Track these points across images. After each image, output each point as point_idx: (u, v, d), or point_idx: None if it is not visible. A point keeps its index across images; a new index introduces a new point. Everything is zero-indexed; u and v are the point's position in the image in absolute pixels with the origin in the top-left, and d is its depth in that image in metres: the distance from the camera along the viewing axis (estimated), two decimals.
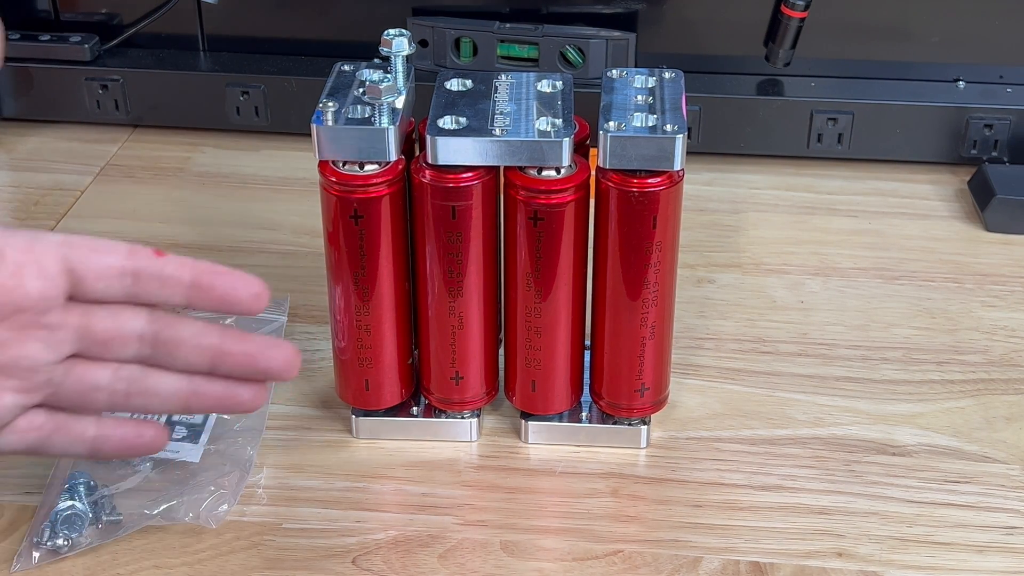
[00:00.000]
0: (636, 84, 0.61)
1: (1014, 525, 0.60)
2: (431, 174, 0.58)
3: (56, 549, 0.58)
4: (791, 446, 0.65)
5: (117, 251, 0.51)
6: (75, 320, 0.51)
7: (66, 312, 0.51)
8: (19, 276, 0.49)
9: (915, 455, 0.64)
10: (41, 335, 0.51)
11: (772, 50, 0.89)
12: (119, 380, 0.53)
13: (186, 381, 0.54)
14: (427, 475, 0.63)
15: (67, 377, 0.52)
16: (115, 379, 0.53)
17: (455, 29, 0.89)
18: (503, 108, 0.60)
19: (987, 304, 0.76)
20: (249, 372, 0.54)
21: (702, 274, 0.79)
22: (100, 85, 0.93)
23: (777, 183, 0.89)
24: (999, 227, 0.83)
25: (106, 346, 0.52)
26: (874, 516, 0.61)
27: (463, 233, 0.59)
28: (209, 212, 0.86)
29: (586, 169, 0.59)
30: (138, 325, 0.52)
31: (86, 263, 0.51)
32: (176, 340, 0.53)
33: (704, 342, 0.73)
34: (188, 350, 0.53)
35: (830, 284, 0.78)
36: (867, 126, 0.89)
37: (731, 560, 0.58)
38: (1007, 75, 0.90)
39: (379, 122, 0.58)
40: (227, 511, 0.60)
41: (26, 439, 0.53)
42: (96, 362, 0.53)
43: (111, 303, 0.52)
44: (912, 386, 0.69)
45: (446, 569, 0.58)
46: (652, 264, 0.59)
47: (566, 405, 0.65)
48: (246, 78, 0.92)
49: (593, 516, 0.61)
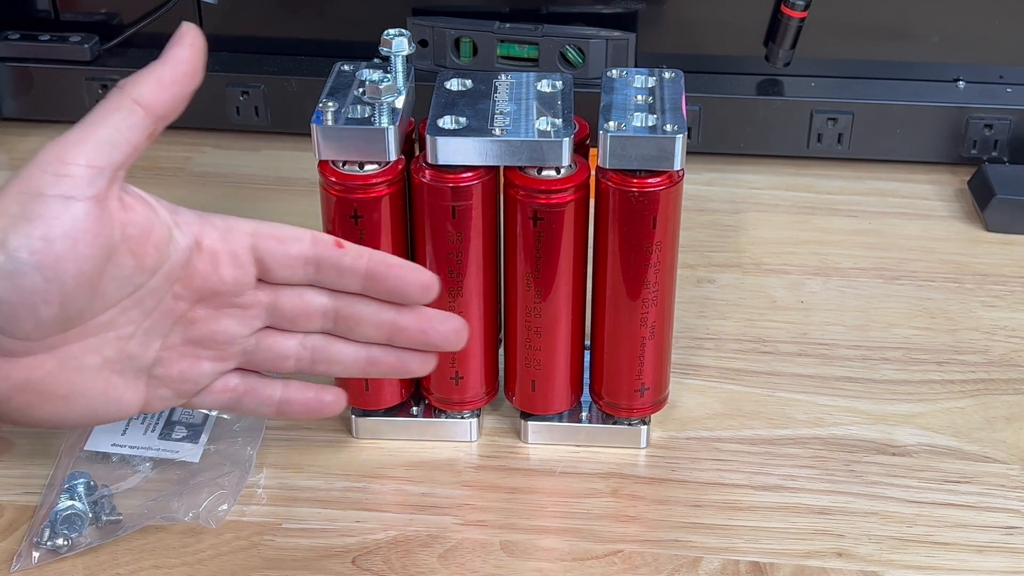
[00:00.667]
0: (636, 84, 0.61)
1: (1014, 525, 0.60)
2: (431, 174, 0.58)
3: (56, 549, 0.58)
4: (791, 446, 0.65)
5: (301, 241, 0.55)
6: (265, 299, 0.56)
7: (256, 292, 0.56)
8: (216, 263, 0.54)
9: (915, 455, 0.64)
10: (235, 313, 0.56)
11: (772, 50, 0.88)
12: (304, 349, 0.57)
13: (364, 351, 0.58)
14: (427, 475, 0.63)
15: (258, 347, 0.57)
16: (301, 348, 0.57)
17: (455, 29, 0.89)
18: (503, 108, 0.60)
19: (987, 304, 0.76)
20: (422, 344, 0.58)
21: (702, 274, 0.79)
22: (100, 85, 0.93)
23: (777, 183, 0.89)
24: (999, 227, 0.83)
25: (293, 321, 0.57)
26: (874, 516, 0.61)
27: (463, 233, 0.59)
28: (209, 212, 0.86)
29: (586, 169, 0.59)
30: (322, 302, 0.57)
31: (273, 253, 0.55)
32: (356, 316, 0.57)
33: (704, 342, 0.73)
34: (367, 326, 0.57)
35: (830, 284, 0.78)
36: (867, 126, 0.89)
37: (731, 560, 0.58)
38: (1007, 75, 0.90)
39: (379, 122, 0.58)
40: (227, 511, 0.60)
41: (220, 399, 0.58)
42: (284, 333, 0.57)
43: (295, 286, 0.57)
44: (912, 386, 0.69)
45: (446, 569, 0.58)
46: (652, 264, 0.59)
47: (566, 405, 0.65)
48: (246, 78, 0.92)
49: (593, 516, 0.61)
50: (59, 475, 0.62)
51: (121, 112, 0.51)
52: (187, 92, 0.53)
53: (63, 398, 0.53)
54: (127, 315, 0.53)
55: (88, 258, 0.50)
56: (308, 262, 0.55)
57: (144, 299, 0.53)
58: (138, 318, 0.53)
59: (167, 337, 0.55)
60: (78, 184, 0.50)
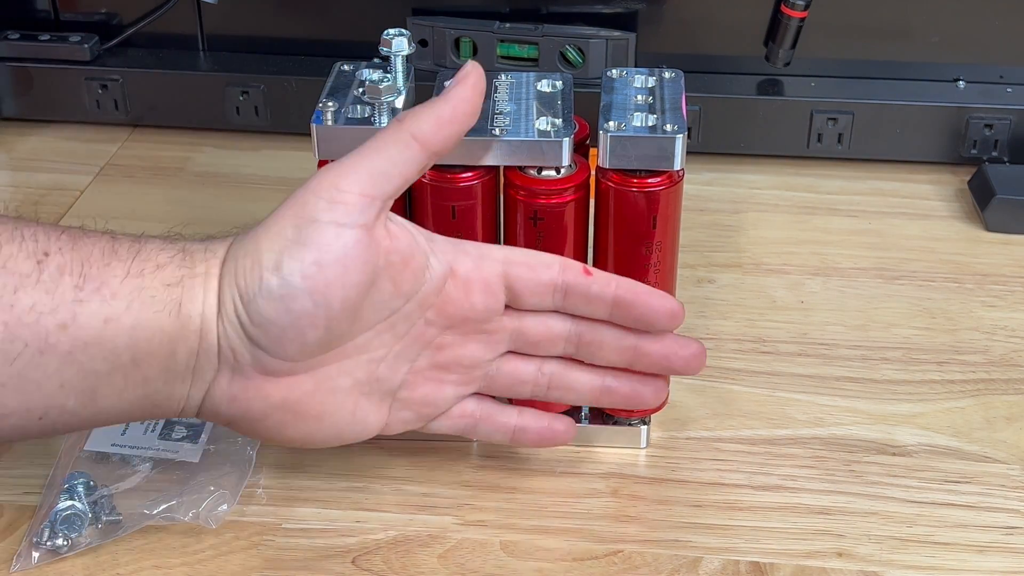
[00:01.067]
0: (636, 84, 0.61)
1: (1014, 525, 0.60)
2: (431, 174, 0.58)
3: (56, 549, 0.58)
4: (791, 446, 0.65)
5: (551, 268, 0.56)
6: (510, 324, 0.57)
7: (503, 318, 0.57)
8: (468, 291, 0.56)
9: (915, 455, 0.64)
10: (482, 338, 0.57)
11: (772, 50, 0.88)
12: (542, 375, 0.59)
13: (599, 378, 0.59)
14: (427, 475, 0.63)
15: (499, 372, 0.58)
16: (539, 374, 0.59)
17: (455, 29, 0.89)
18: (503, 108, 0.60)
19: (987, 304, 0.76)
20: (664, 369, 0.59)
21: (702, 274, 0.79)
22: (100, 85, 0.93)
23: (777, 183, 0.89)
24: (999, 227, 0.83)
25: (537, 346, 0.58)
26: (874, 516, 0.61)
27: (463, 233, 0.59)
28: (209, 212, 0.86)
29: (586, 169, 0.59)
30: (565, 328, 0.58)
31: (524, 280, 0.56)
32: (599, 341, 0.58)
33: (704, 342, 0.72)
34: (610, 350, 0.58)
35: (830, 284, 0.78)
36: (867, 126, 0.89)
37: (731, 560, 0.58)
38: (1007, 75, 0.90)
39: (379, 122, 0.58)
40: (227, 511, 0.60)
41: (457, 424, 0.59)
42: (524, 358, 0.58)
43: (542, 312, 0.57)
44: (912, 386, 0.69)
45: (446, 569, 0.58)
46: (652, 264, 0.59)
47: (566, 405, 0.65)
48: (246, 78, 0.92)
49: (593, 516, 0.61)
50: (59, 475, 0.61)
51: (398, 145, 0.53)
52: (463, 131, 0.54)
53: (315, 418, 0.54)
54: (380, 338, 0.54)
55: (355, 284, 0.51)
56: (557, 289, 0.56)
57: (397, 323, 0.54)
58: (390, 342, 0.55)
59: (415, 361, 0.56)
60: (351, 212, 0.51)
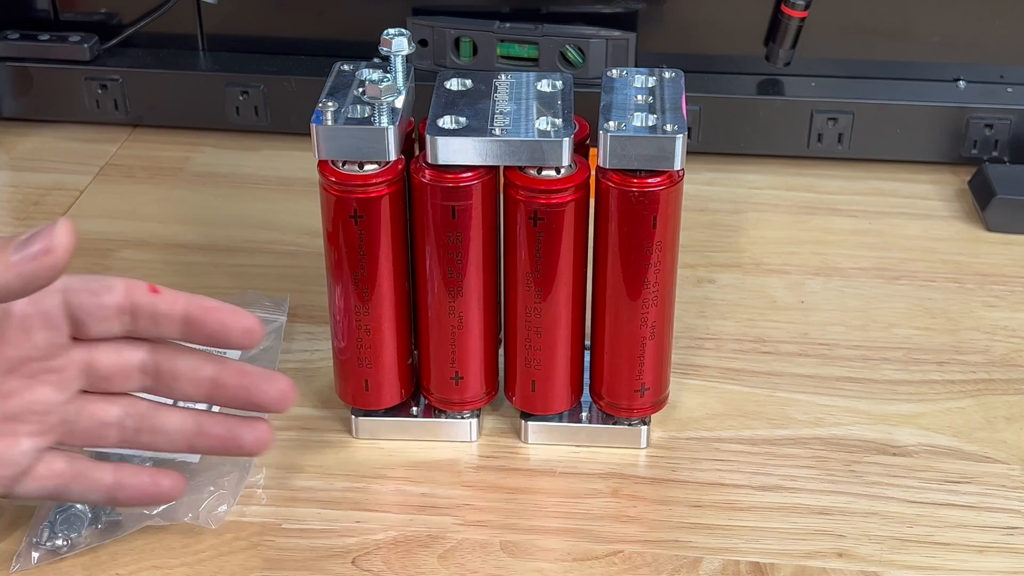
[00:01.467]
0: (636, 84, 0.61)
1: (1014, 525, 0.60)
2: (431, 174, 0.58)
3: (55, 549, 0.58)
4: (791, 446, 0.65)
5: (115, 290, 0.53)
6: (80, 357, 0.53)
7: (71, 352, 0.53)
8: (27, 329, 0.51)
9: (915, 455, 0.64)
10: (51, 379, 0.53)
11: (772, 50, 0.88)
12: (128, 417, 0.55)
13: (192, 419, 0.55)
14: (427, 475, 0.63)
15: (79, 415, 0.54)
16: (125, 416, 0.55)
17: (455, 29, 0.89)
18: (503, 108, 0.60)
19: (988, 304, 0.76)
20: (243, 404, 0.55)
21: (702, 274, 0.79)
22: (99, 85, 0.93)
23: (777, 183, 0.89)
24: (1000, 227, 0.83)
25: (110, 380, 0.54)
26: (874, 516, 0.61)
27: (463, 233, 0.59)
28: (208, 212, 0.86)
29: (586, 169, 0.59)
30: (138, 357, 0.54)
31: (87, 307, 0.52)
32: (174, 372, 0.54)
33: (704, 342, 0.73)
34: (185, 382, 0.55)
35: (830, 284, 0.78)
36: (867, 126, 0.89)
37: (731, 560, 0.58)
38: (1007, 75, 0.90)
39: (379, 122, 0.58)
40: (227, 511, 0.60)
41: (46, 486, 0.54)
42: (106, 399, 0.54)
43: (113, 339, 0.53)
44: (912, 386, 0.69)
45: (446, 569, 0.58)
46: (652, 264, 0.59)
47: (566, 405, 0.65)
48: (246, 78, 0.92)
49: (593, 516, 0.61)
50: None
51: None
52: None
53: None
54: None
55: None
56: (123, 311, 0.53)
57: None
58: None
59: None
60: None
